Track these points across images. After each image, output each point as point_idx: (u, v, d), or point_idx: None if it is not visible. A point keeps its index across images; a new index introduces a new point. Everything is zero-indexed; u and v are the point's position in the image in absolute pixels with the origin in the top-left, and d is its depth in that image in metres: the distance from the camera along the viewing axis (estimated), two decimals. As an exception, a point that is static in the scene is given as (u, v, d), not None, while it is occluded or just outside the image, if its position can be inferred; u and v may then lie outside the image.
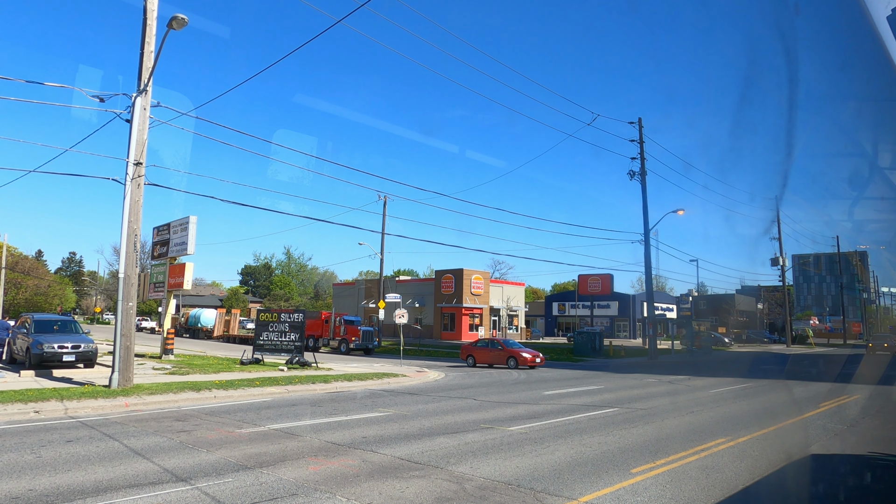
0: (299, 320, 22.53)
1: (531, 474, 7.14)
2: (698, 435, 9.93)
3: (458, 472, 7.15)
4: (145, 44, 15.48)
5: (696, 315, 69.08)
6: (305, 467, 7.33)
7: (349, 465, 7.44)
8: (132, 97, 15.33)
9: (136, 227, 15.15)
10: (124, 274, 14.77)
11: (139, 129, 15.30)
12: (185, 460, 7.62)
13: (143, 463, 7.44)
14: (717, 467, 7.61)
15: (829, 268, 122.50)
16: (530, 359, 26.03)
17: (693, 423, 11.21)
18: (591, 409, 13.18)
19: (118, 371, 14.40)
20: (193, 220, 23.08)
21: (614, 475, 7.11)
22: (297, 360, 21.98)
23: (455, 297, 53.59)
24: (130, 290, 14.81)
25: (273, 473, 6.99)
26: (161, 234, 25.16)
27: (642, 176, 36.45)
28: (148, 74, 15.36)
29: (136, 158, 15.20)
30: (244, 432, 9.77)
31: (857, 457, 9.21)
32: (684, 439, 9.51)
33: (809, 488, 7.13)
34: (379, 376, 19.86)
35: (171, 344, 24.08)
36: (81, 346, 17.75)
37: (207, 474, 6.91)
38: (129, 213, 14.97)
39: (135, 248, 14.97)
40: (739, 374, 24.41)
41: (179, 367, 20.21)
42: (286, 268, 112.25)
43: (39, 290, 60.28)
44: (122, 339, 14.54)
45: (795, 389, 19.47)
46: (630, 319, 71.44)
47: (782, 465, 7.91)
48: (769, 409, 14.07)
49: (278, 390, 15.66)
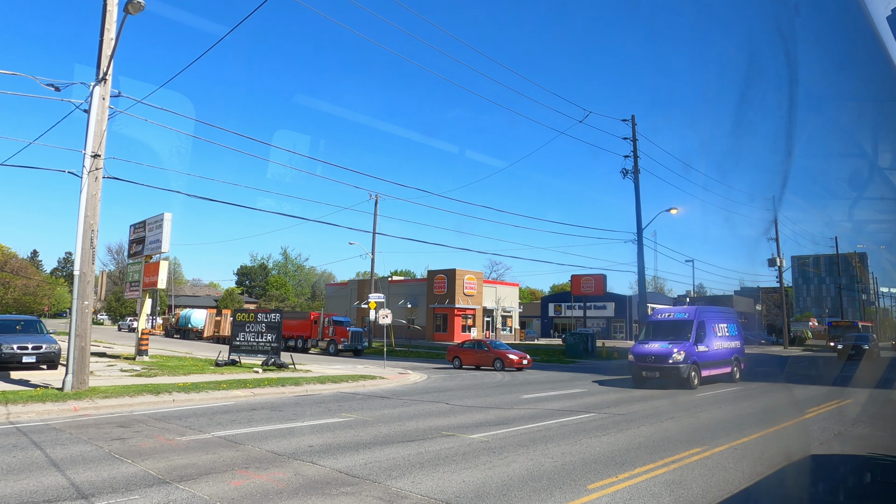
0: (276, 320, 21.85)
1: (476, 490, 6.45)
2: (673, 444, 9.23)
3: (394, 489, 6.46)
4: (105, 30, 14.80)
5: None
6: (228, 482, 6.64)
7: (277, 480, 6.75)
8: (90, 86, 14.66)
9: (94, 223, 14.45)
10: (80, 271, 14.08)
11: (98, 119, 14.62)
12: (101, 473, 6.93)
13: (52, 476, 6.76)
14: (684, 482, 6.91)
15: (828, 269, 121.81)
16: (517, 360, 25.34)
17: (670, 431, 10.51)
18: (566, 414, 12.48)
19: (72, 373, 13.71)
20: (168, 218, 22.37)
21: (567, 492, 6.42)
22: (272, 361, 21.31)
23: (447, 298, 52.89)
24: (87, 288, 14.13)
25: (189, 489, 6.30)
26: (137, 231, 24.48)
27: (635, 174, 35.77)
28: (107, 62, 14.68)
29: (94, 150, 14.53)
30: (184, 440, 9.09)
31: (857, 457, 8.76)
32: (656, 449, 8.81)
33: (809, 490, 6.97)
34: (355, 378, 19.17)
35: (145, 345, 23.39)
36: (43, 346, 17.07)
37: (115, 490, 6.22)
38: (86, 207, 14.28)
39: (91, 244, 14.28)
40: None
41: (149, 369, 19.53)
42: (283, 268, 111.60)
43: (28, 290, 59.59)
44: (77, 340, 13.84)
45: (789, 393, 18.80)
46: (626, 320, 70.76)
47: (759, 478, 7.22)
48: (755, 414, 13.36)
49: (244, 393, 14.97)
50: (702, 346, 18.60)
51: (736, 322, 22.13)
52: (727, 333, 20.71)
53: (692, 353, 17.98)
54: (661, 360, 17.92)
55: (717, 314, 21.00)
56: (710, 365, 19.11)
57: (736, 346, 21.23)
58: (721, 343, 20.01)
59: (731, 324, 21.50)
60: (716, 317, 20.57)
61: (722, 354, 19.94)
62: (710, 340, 19.13)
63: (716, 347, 19.54)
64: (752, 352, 50.27)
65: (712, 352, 19.26)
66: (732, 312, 23.16)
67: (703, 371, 18.46)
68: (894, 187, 8.28)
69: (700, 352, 18.47)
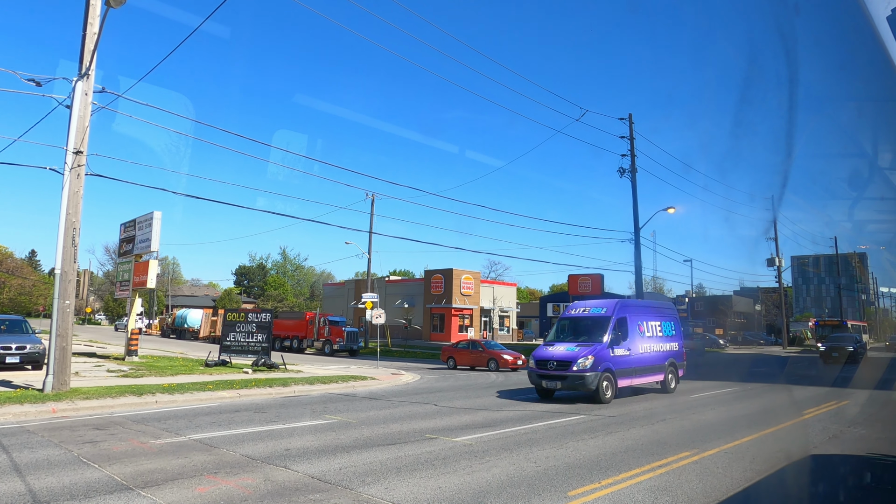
0: (266, 320, 21.57)
1: (451, 498, 6.17)
2: (661, 447, 8.95)
3: (366, 496, 6.18)
4: (88, 24, 14.53)
5: (692, 316, 68.13)
6: (193, 488, 6.36)
7: (244, 486, 6.47)
8: (72, 81, 14.39)
9: (76, 221, 14.18)
10: (61, 270, 13.81)
11: (80, 115, 14.34)
12: (64, 479, 6.66)
13: (10, 482, 6.48)
14: (670, 489, 6.63)
15: (828, 269, 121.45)
16: (511, 361, 25.08)
17: (660, 433, 10.24)
18: (554, 415, 12.20)
19: (52, 374, 13.43)
20: (157, 216, 22.11)
21: (546, 499, 6.14)
22: (263, 361, 21.03)
23: (444, 298, 52.61)
24: (68, 287, 13.86)
25: (150, 496, 6.03)
26: (127, 230, 24.21)
27: (632, 173, 35.45)
28: (90, 57, 14.40)
29: (76, 147, 14.26)
30: (158, 443, 8.81)
31: (857, 458, 8.59)
32: (644, 453, 8.53)
33: (808, 490, 6.92)
34: (345, 379, 18.89)
35: (135, 345, 23.11)
36: (27, 347, 16.80)
37: (73, 497, 5.95)
38: (68, 205, 14.02)
39: (73, 242, 14.01)
40: (728, 377, 23.39)
41: (137, 370, 19.25)
42: (282, 268, 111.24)
43: (24, 290, 59.33)
44: (58, 340, 13.56)
45: (784, 394, 18.50)
46: (625, 321, 70.37)
47: (756, 480, 6.94)
48: (750, 416, 13.08)
49: (230, 394, 14.70)
50: (620, 349, 15.01)
51: (674, 318, 18.30)
52: (659, 333, 17.03)
53: (605, 359, 14.46)
54: (564, 367, 14.29)
55: (646, 309, 17.35)
56: (633, 372, 15.60)
57: (672, 348, 17.54)
58: (650, 345, 16.45)
59: (668, 321, 17.76)
60: (644, 312, 16.94)
61: (650, 359, 16.34)
62: (633, 341, 15.62)
63: (642, 350, 15.95)
64: (750, 352, 50.07)
65: (636, 356, 15.65)
66: (669, 307, 19.31)
67: (620, 380, 15.00)
68: (894, 187, 8.26)
69: (618, 356, 14.90)
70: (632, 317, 15.90)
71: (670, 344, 17.44)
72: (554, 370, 14.49)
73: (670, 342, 17.46)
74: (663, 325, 17.35)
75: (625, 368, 15.16)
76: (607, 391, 14.37)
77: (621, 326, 15.38)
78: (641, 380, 16.21)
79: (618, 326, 15.22)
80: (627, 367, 15.29)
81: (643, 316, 16.64)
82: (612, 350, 14.71)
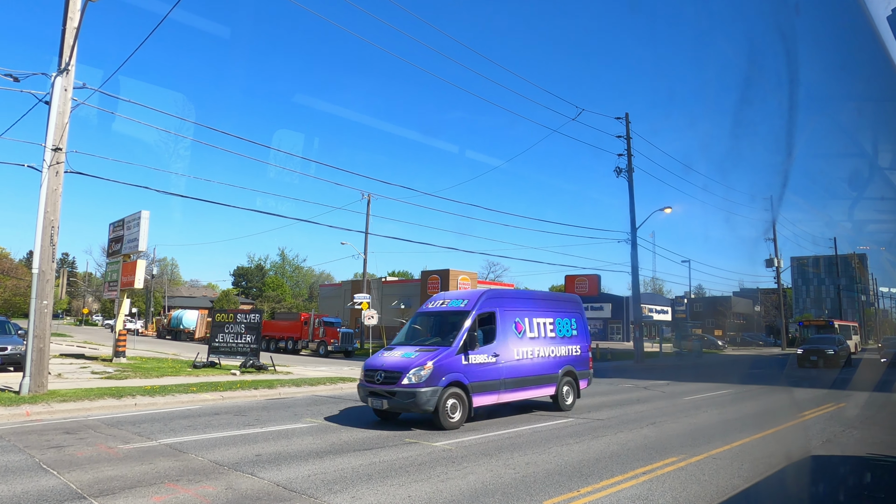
0: (255, 321, 21.27)
1: (420, 507, 5.86)
2: (648, 452, 8.64)
3: (329, 505, 5.87)
4: (68, 19, 14.25)
5: (691, 317, 67.77)
6: (150, 497, 6.06)
7: (203, 495, 6.16)
8: (52, 77, 14.10)
9: (55, 219, 13.88)
10: (39, 269, 13.52)
11: (59, 111, 14.05)
12: (16, 487, 6.35)
13: (-41, 490, 6.18)
14: (651, 497, 6.32)
15: (827, 270, 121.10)
16: (505, 362, 24.72)
17: (649, 438, 9.92)
18: (542, 419, 11.89)
19: (29, 376, 13.13)
20: (146, 216, 21.81)
21: (520, 509, 5.83)
22: (251, 363, 20.73)
23: (441, 299, 52.36)
24: (45, 286, 13.56)
25: (102, 506, 5.72)
26: (116, 230, 23.91)
27: (629, 172, 35.22)
28: (69, 52, 14.12)
29: (55, 144, 13.96)
30: (126, 448, 8.51)
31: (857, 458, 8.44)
32: (630, 458, 8.22)
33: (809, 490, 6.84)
34: (333, 381, 18.58)
35: (122, 346, 22.81)
36: (8, 348, 16.52)
37: (20, 507, 5.64)
38: (46, 202, 13.72)
39: (51, 241, 13.71)
40: (725, 378, 23.07)
41: (122, 371, 18.95)
42: (280, 269, 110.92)
43: (19, 291, 59.03)
44: (35, 341, 13.26)
45: (780, 396, 18.18)
46: (624, 322, 70.19)
47: (747, 487, 6.63)
48: (743, 418, 12.76)
49: (212, 397, 14.40)
50: (480, 355, 11.21)
51: (576, 314, 14.26)
52: (551, 333, 13.13)
53: (452, 368, 10.67)
54: (392, 381, 10.57)
55: (529, 302, 13.22)
56: (501, 386, 11.58)
57: (571, 352, 13.60)
58: (534, 349, 12.51)
59: (566, 317, 13.82)
60: (526, 306, 12.96)
61: (533, 367, 12.38)
62: (504, 345, 11.80)
63: (519, 356, 12.07)
64: (749, 353, 49.74)
65: (508, 364, 11.77)
66: (571, 300, 14.95)
67: (479, 396, 11.10)
68: (894, 187, 8.25)
69: (475, 365, 11.08)
70: (504, 312, 12.14)
71: (567, 347, 13.52)
72: (380, 384, 10.78)
73: (567, 344, 13.55)
74: (558, 322, 13.44)
75: (487, 381, 11.28)
76: (454, 413, 10.58)
77: (486, 324, 11.73)
78: (518, 394, 12.19)
79: (478, 325, 11.51)
80: (491, 378, 11.39)
81: (525, 311, 12.72)
82: (465, 356, 10.94)
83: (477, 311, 11.63)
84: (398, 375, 10.54)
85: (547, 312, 13.36)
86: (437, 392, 10.35)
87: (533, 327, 12.73)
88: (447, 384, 10.53)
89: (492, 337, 11.68)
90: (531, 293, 14.52)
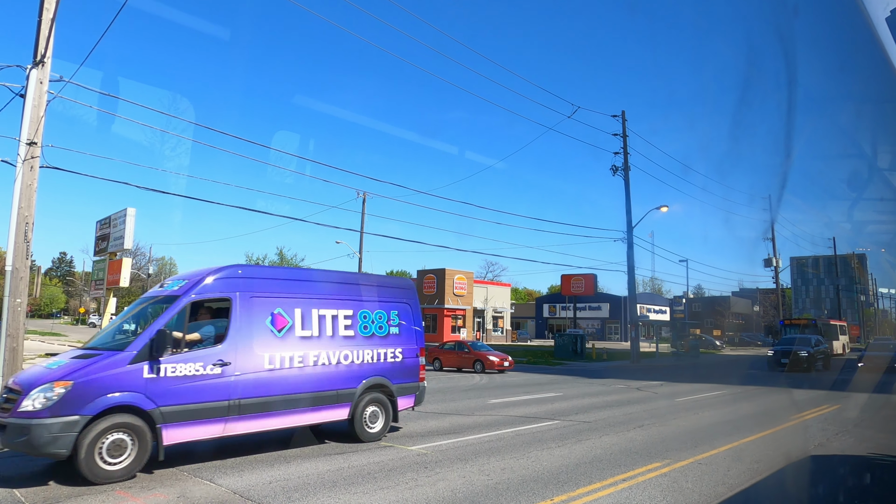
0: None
1: (380, 517, 5.50)
2: (631, 457, 8.28)
3: (283, 515, 5.51)
4: (44, 10, 13.88)
5: (690, 317, 67.43)
6: (94, 506, 5.70)
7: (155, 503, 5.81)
8: (27, 69, 13.75)
9: (29, 215, 13.52)
10: (12, 267, 13.14)
11: (35, 105, 13.67)
12: (-43, 494, 6.00)
13: None
14: (629, 506, 5.96)
15: (827, 270, 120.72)
16: (497, 362, 24.41)
17: (635, 441, 9.56)
18: (527, 421, 11.53)
19: (1, 376, 12.76)
20: (132, 213, 21.49)
21: (486, 520, 5.47)
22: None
23: (437, 298, 51.97)
24: (19, 284, 13.19)
25: (40, 516, 5.36)
26: (103, 228, 23.59)
27: (625, 170, 34.88)
28: (45, 44, 13.77)
29: (30, 138, 13.59)
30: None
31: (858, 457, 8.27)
32: (612, 463, 7.87)
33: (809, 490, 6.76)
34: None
35: (108, 345, 22.44)
36: (-15, 347, 16.10)
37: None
38: (20, 198, 13.34)
39: (25, 237, 13.35)
40: (721, 379, 22.72)
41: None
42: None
43: (13, 290, 58.54)
44: (8, 341, 12.89)
45: (775, 397, 17.81)
46: (621, 321, 69.90)
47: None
48: (735, 420, 12.40)
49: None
50: (185, 365, 7.30)
51: (401, 304, 10.27)
52: (348, 331, 9.21)
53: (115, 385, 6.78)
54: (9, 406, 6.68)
55: (309, 286, 9.16)
56: (230, 410, 7.61)
57: (386, 357, 9.70)
58: (309, 353, 8.62)
59: (382, 309, 9.89)
60: (302, 291, 8.95)
61: (304, 381, 8.47)
62: (245, 347, 7.91)
63: (270, 365, 8.08)
64: (747, 354, 49.29)
65: (248, 378, 7.82)
66: (392, 285, 10.63)
67: (179, 428, 7.14)
68: (893, 188, 8.21)
69: (175, 378, 7.19)
70: (252, 299, 8.18)
71: (377, 350, 9.56)
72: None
73: (378, 347, 9.60)
74: (362, 316, 9.52)
75: (199, 403, 7.36)
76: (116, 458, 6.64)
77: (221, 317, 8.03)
78: (269, 421, 8.11)
79: (203, 317, 8.02)
80: (208, 399, 7.45)
81: (296, 298, 8.76)
82: (152, 367, 7.03)
83: (195, 296, 7.71)
84: (18, 396, 6.61)
85: (342, 301, 9.30)
86: (75, 425, 6.38)
87: (309, 322, 8.74)
88: (100, 411, 6.54)
89: (222, 336, 7.77)
90: (312, 272, 10.51)
